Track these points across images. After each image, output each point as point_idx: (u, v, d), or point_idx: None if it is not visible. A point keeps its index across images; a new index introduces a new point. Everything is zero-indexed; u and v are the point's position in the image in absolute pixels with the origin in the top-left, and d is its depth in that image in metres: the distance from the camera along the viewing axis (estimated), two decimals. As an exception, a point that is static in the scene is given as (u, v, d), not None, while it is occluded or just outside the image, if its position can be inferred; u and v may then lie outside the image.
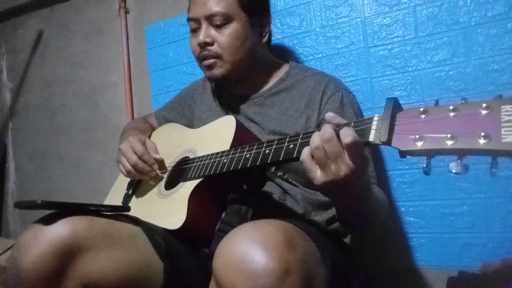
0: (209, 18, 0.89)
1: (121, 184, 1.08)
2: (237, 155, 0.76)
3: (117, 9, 1.64)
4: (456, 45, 1.05)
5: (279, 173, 0.88)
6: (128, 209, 0.76)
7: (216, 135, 0.90)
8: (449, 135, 0.47)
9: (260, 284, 0.51)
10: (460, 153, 0.47)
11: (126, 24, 1.63)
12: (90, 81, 1.74)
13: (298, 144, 0.66)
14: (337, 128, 0.58)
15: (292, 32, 1.27)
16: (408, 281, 1.13)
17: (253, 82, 0.98)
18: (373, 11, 1.15)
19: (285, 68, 1.00)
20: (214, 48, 0.90)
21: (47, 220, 0.65)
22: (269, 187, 0.88)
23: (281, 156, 0.67)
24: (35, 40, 1.87)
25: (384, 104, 0.56)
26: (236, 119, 0.88)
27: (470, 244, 1.05)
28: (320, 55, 1.22)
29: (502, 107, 0.46)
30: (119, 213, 0.76)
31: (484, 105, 0.47)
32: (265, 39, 0.96)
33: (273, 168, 0.88)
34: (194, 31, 0.94)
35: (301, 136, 0.66)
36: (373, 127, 0.57)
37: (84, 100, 1.76)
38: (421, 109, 0.52)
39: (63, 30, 1.80)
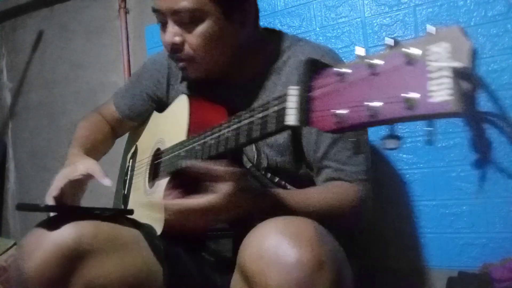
0: (176, 14, 0.74)
1: (119, 184, 1.07)
2: (189, 147, 0.71)
3: (117, 9, 1.64)
4: (456, 45, 1.05)
5: (269, 176, 0.83)
6: (132, 212, 0.75)
7: (174, 121, 0.84)
8: (370, 104, 0.38)
9: (294, 276, 0.51)
10: (388, 124, 0.39)
11: (126, 24, 1.63)
12: (90, 81, 1.74)
13: (238, 130, 0.60)
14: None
15: (292, 32, 1.26)
16: (408, 281, 1.13)
17: (238, 69, 0.84)
18: (373, 11, 1.15)
19: (275, 44, 0.86)
20: (185, 50, 0.76)
21: (51, 224, 0.63)
22: None
23: (225, 148, 0.62)
24: (35, 40, 1.87)
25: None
26: (190, 98, 0.80)
27: (470, 244, 1.05)
28: (320, 55, 1.22)
29: (427, 48, 0.35)
30: (123, 215, 0.75)
31: (407, 50, 0.36)
32: (248, 28, 0.80)
33: (269, 174, 0.83)
34: (163, 24, 0.79)
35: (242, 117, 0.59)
36: (289, 105, 0.48)
37: (84, 100, 1.76)
38: (339, 70, 0.42)
39: (63, 30, 1.80)
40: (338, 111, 0.40)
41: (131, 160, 1.04)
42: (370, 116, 0.38)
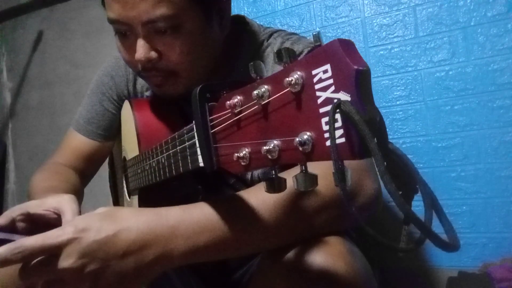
0: (148, 24, 0.59)
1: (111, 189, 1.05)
2: (141, 166, 0.65)
3: (117, 9, 1.64)
4: (456, 45, 1.05)
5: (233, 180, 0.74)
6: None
7: (126, 130, 0.78)
8: (265, 148, 0.31)
9: None
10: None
11: (126, 24, 1.63)
12: (90, 81, 1.74)
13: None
14: None
15: (292, 32, 1.27)
16: (408, 281, 1.13)
17: (215, 72, 0.72)
18: (373, 11, 1.15)
19: (248, 40, 0.75)
20: (163, 64, 0.63)
21: None
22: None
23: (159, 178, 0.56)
24: (35, 40, 1.87)
25: (384, 104, 0.50)
26: (131, 102, 0.72)
27: (470, 244, 1.05)
28: (320, 55, 1.22)
29: (313, 72, 0.27)
30: None
31: (290, 79, 0.28)
32: (226, 29, 0.68)
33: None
34: (123, 34, 0.66)
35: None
36: (197, 144, 0.40)
37: (84, 100, 1.76)
38: (230, 102, 0.34)
39: (63, 30, 1.80)
40: (240, 154, 0.34)
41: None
42: (272, 161, 0.31)
